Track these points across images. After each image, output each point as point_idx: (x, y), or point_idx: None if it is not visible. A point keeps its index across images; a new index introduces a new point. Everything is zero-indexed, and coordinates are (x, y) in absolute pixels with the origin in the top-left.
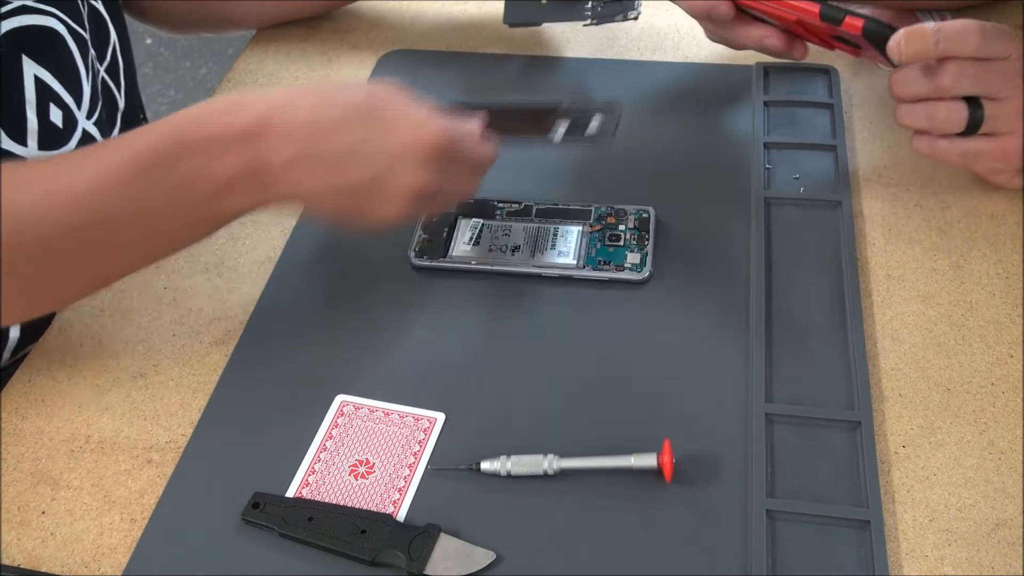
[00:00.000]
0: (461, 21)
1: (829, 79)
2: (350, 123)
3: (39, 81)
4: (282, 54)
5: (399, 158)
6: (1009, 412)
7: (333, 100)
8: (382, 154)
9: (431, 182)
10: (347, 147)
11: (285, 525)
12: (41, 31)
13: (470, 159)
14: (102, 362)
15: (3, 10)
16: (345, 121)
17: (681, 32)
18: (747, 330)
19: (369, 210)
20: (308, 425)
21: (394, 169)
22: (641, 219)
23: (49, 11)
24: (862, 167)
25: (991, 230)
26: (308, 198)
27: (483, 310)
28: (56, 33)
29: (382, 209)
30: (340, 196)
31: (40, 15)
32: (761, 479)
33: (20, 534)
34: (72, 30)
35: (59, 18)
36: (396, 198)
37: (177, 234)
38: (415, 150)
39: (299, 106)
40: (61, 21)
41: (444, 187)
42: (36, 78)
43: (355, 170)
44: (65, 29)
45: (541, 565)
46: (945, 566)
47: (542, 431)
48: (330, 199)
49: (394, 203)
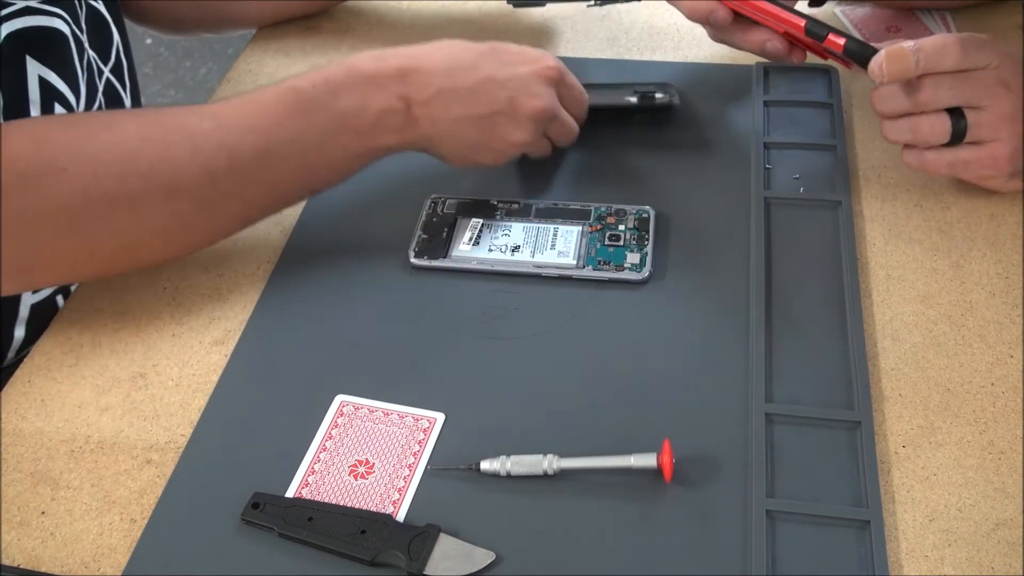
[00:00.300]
0: (461, 21)
1: (829, 79)
2: (481, 61)
3: (43, 81)
4: (282, 54)
5: (525, 84)
6: (1009, 412)
7: (464, 47)
8: (511, 83)
9: (553, 104)
10: (480, 81)
11: (285, 525)
12: (45, 32)
13: (576, 93)
14: (102, 362)
15: (6, 11)
16: (476, 61)
17: (681, 32)
18: (747, 330)
19: (499, 137)
20: (308, 425)
21: (520, 95)
22: (641, 219)
23: (54, 11)
24: (862, 167)
25: (991, 230)
26: (447, 130)
27: (483, 310)
28: (61, 33)
29: (511, 134)
30: (475, 125)
31: (45, 16)
32: (761, 479)
33: (20, 534)
34: (72, 32)
35: (63, 18)
36: (524, 119)
37: (334, 165)
38: (538, 75)
39: (437, 54)
40: (65, 22)
41: (560, 113)
42: (40, 78)
43: (488, 100)
44: (69, 30)
45: (541, 565)
46: (945, 566)
47: (542, 431)
48: (466, 129)
49: (521, 125)
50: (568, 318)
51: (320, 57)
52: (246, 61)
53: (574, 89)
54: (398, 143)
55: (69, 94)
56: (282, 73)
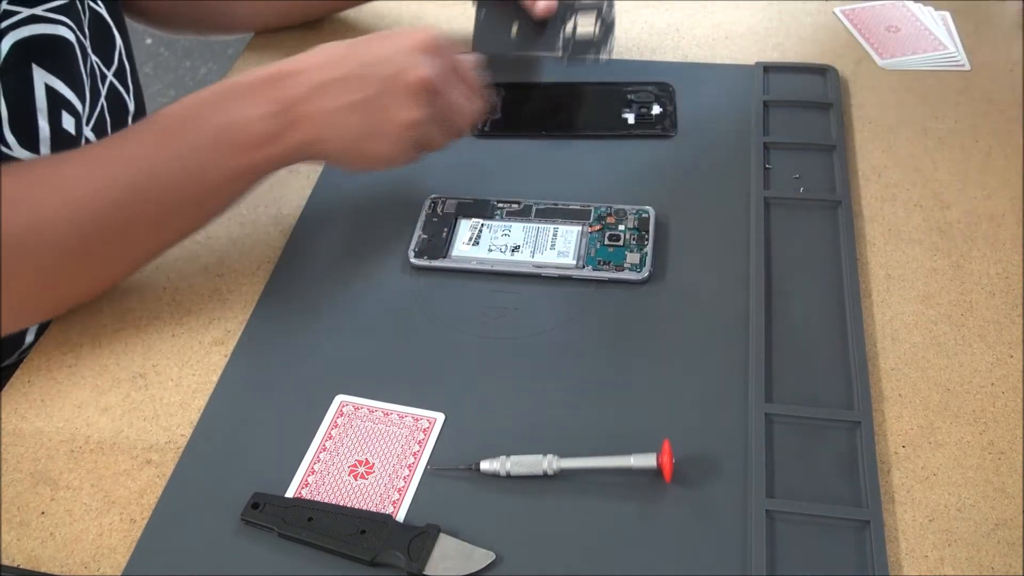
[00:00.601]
0: (461, 21)
1: (829, 79)
2: (354, 50)
3: (50, 89)
4: (281, 54)
5: (402, 58)
6: (1009, 412)
7: (337, 43)
8: (387, 61)
9: (435, 73)
10: (356, 66)
11: (285, 525)
12: (52, 40)
13: (460, 63)
14: (102, 362)
15: (12, 20)
16: (349, 50)
17: (681, 32)
18: (747, 330)
19: (386, 119)
20: (308, 425)
21: (399, 69)
22: (641, 219)
23: (59, 20)
24: (862, 167)
25: (991, 230)
26: (331, 122)
27: (483, 310)
28: (67, 41)
29: (398, 113)
30: (359, 111)
31: (50, 24)
32: (761, 479)
33: (20, 534)
34: (77, 38)
35: (69, 26)
36: (407, 93)
37: (218, 187)
38: (413, 47)
39: (310, 55)
40: (70, 29)
41: (448, 86)
42: (47, 86)
43: (367, 82)
44: (74, 36)
45: (541, 565)
46: (945, 566)
47: (542, 431)
48: (351, 117)
49: (407, 100)
50: (568, 318)
51: None
52: (246, 61)
53: (459, 62)
54: (283, 152)
55: (76, 101)
56: None
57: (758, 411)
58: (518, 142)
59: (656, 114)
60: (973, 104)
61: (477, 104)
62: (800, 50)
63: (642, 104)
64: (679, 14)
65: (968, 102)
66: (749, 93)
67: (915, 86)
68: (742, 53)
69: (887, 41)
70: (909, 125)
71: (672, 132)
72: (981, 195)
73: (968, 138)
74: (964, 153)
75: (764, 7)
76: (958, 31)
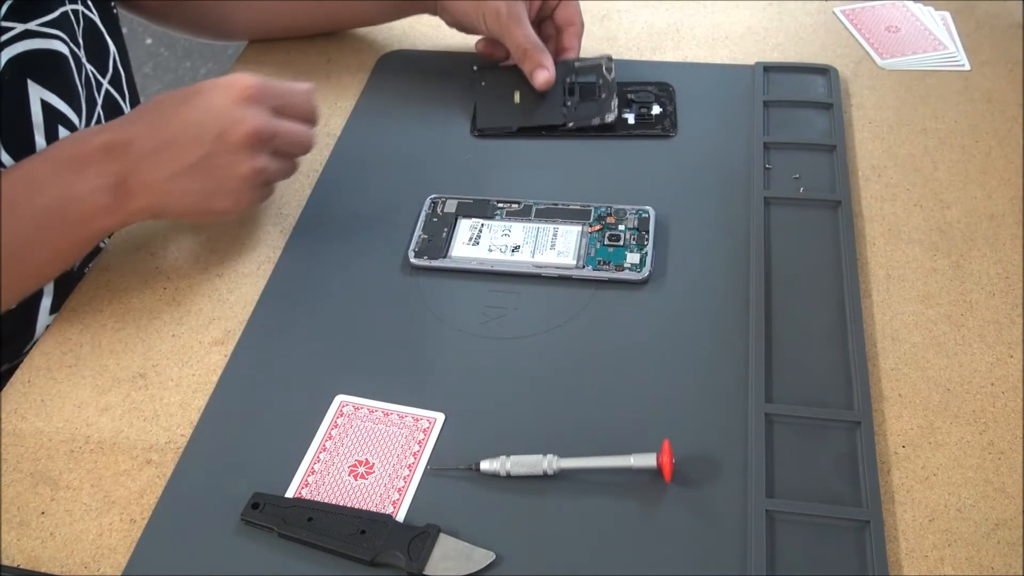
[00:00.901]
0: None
1: (829, 79)
2: (179, 110)
3: (46, 104)
4: (282, 54)
5: (226, 114)
6: (1009, 412)
7: (161, 100)
8: (212, 119)
9: (263, 122)
10: (183, 129)
11: (285, 525)
12: (46, 55)
13: (292, 97)
14: (102, 362)
15: (7, 37)
16: (175, 111)
17: (681, 32)
18: (747, 330)
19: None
20: (308, 425)
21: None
22: (641, 219)
23: (54, 34)
24: (862, 167)
25: (991, 230)
26: (168, 189)
27: (483, 310)
28: (62, 56)
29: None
30: (193, 175)
31: (45, 39)
32: (760, 479)
33: (20, 534)
34: (71, 50)
35: (62, 39)
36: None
37: (47, 262)
38: (236, 100)
39: (137, 120)
40: (65, 43)
41: (280, 126)
42: (43, 102)
43: (196, 144)
44: (68, 50)
45: (541, 565)
46: (945, 566)
47: (542, 431)
48: (187, 182)
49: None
50: (568, 318)
51: (319, 58)
52: (246, 62)
53: (286, 95)
54: (122, 221)
55: (72, 115)
56: (282, 74)
57: (758, 411)
58: (518, 142)
59: (656, 114)
60: (973, 104)
61: (308, 129)
62: (800, 50)
63: (642, 104)
64: (679, 14)
65: (968, 102)
66: (749, 93)
67: (915, 86)
68: (742, 53)
69: (887, 41)
70: (909, 125)
71: (672, 132)
72: (981, 195)
73: (968, 138)
74: (964, 153)
75: (764, 7)
76: (958, 31)
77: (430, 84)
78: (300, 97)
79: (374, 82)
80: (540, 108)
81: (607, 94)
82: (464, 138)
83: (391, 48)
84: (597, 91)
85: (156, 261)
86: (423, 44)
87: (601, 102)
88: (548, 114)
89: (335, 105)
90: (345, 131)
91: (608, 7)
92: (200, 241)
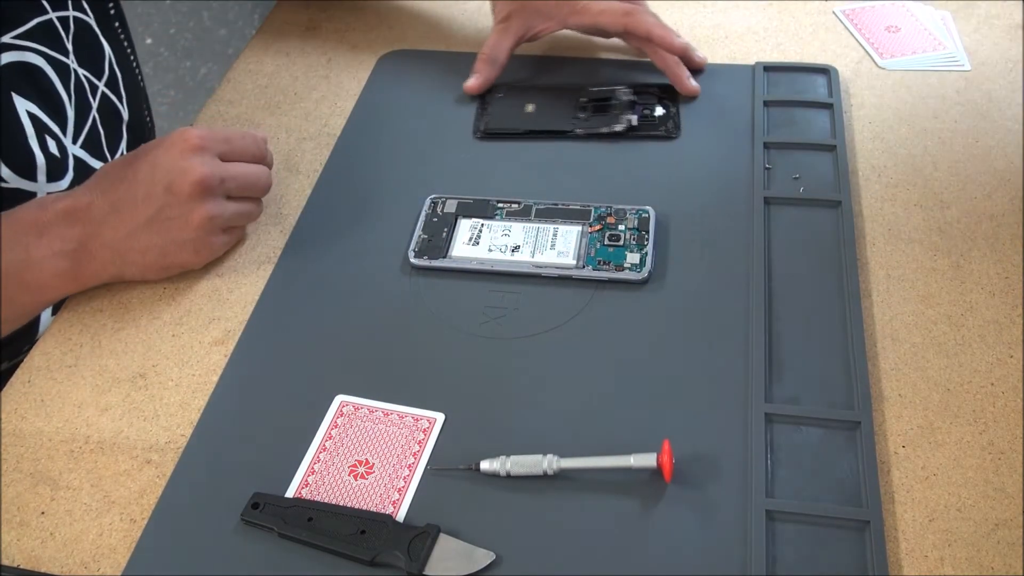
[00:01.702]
0: (461, 21)
1: (829, 79)
2: (128, 171)
3: (32, 116)
4: (282, 54)
5: (173, 166)
6: (1009, 412)
7: (113, 165)
8: (160, 173)
9: (211, 169)
10: (133, 188)
11: (285, 525)
12: (23, 67)
13: (240, 141)
14: (102, 362)
15: None
16: (125, 172)
17: (681, 32)
18: (747, 330)
19: (179, 227)
20: (308, 425)
21: (172, 178)
22: (641, 219)
23: (28, 46)
24: (862, 167)
25: (991, 230)
26: (127, 248)
27: (483, 310)
28: (37, 68)
29: (190, 217)
30: (149, 230)
31: (20, 51)
32: (760, 479)
33: (20, 534)
34: (52, 59)
35: (38, 51)
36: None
37: (17, 319)
38: (181, 152)
39: (93, 185)
40: (40, 54)
41: (229, 170)
42: (29, 113)
43: (147, 200)
44: (44, 60)
45: (541, 565)
46: (945, 566)
47: (542, 431)
48: (144, 238)
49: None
50: (568, 318)
51: (320, 57)
52: (246, 61)
53: (233, 140)
54: (76, 287)
55: (54, 126)
56: (282, 73)
57: (758, 411)
58: (519, 144)
59: (659, 116)
60: (973, 104)
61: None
62: (800, 50)
63: (645, 105)
64: (679, 14)
65: (968, 102)
66: (749, 93)
67: (915, 86)
68: (742, 53)
69: (887, 41)
70: (909, 125)
71: (675, 134)
72: (981, 195)
73: (968, 138)
74: (964, 153)
75: (764, 7)
76: (958, 31)
77: (430, 84)
78: (248, 140)
79: (374, 82)
80: (551, 118)
81: (620, 111)
82: (464, 138)
83: (391, 48)
84: (610, 108)
85: None
86: (423, 44)
87: (612, 116)
88: (559, 122)
89: (335, 105)
90: (345, 131)
91: None
92: None
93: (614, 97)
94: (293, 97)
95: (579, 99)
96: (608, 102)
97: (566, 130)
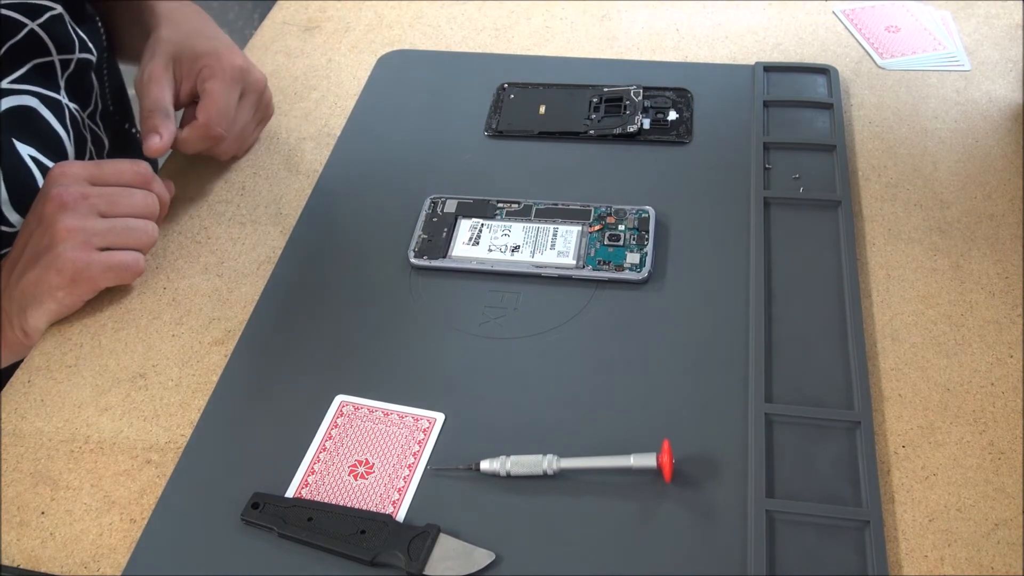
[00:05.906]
0: (461, 21)
1: (829, 79)
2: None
3: (35, 160)
4: (282, 55)
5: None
6: (1009, 412)
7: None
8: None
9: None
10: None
11: (285, 525)
12: (21, 111)
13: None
14: (102, 362)
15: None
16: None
17: (681, 32)
18: (747, 330)
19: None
20: (308, 425)
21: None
22: (641, 219)
23: (25, 90)
24: (862, 167)
25: (991, 230)
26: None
27: (483, 310)
28: (34, 111)
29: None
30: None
31: (17, 96)
32: (760, 479)
33: (20, 534)
34: (47, 99)
35: (35, 94)
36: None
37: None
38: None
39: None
40: (36, 96)
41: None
42: (31, 157)
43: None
44: (40, 102)
45: (541, 565)
46: (945, 566)
47: (542, 431)
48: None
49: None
50: (568, 318)
51: (320, 57)
52: None
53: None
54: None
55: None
56: (282, 73)
57: (758, 411)
58: (519, 144)
59: (672, 120)
60: (973, 104)
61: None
62: (800, 50)
63: (659, 109)
64: (679, 14)
65: (968, 102)
66: (749, 93)
67: (915, 86)
68: (742, 53)
69: (887, 41)
70: (909, 125)
71: (687, 139)
72: (981, 195)
73: (968, 138)
74: (964, 153)
75: (764, 7)
76: (958, 31)
77: (430, 84)
78: (122, 164)
79: (374, 82)
80: (563, 120)
81: (632, 112)
82: (464, 138)
83: (391, 48)
84: (623, 108)
85: (156, 261)
86: (423, 44)
87: (625, 117)
88: (570, 123)
89: (335, 105)
90: (345, 131)
91: (608, 7)
92: (200, 241)
93: (626, 99)
94: (293, 97)
95: (591, 100)
96: (620, 103)
97: (578, 132)
